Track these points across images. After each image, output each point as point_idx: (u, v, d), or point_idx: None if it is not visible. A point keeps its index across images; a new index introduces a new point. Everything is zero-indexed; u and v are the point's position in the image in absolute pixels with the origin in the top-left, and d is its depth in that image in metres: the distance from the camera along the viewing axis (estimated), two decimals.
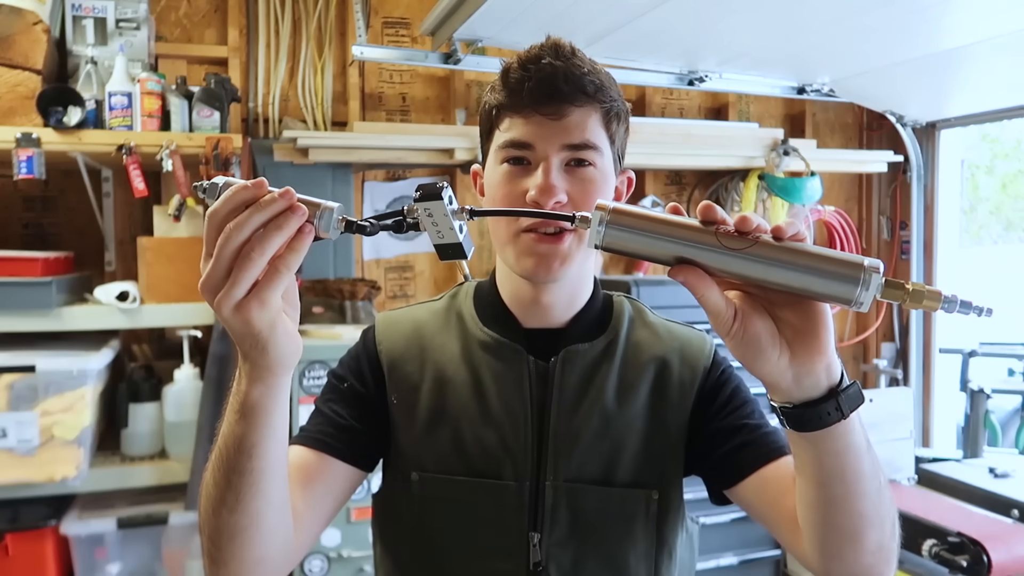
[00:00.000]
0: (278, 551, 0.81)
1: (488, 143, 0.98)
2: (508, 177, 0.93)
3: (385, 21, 2.91)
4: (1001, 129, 5.36)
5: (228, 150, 2.20)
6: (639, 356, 1.00)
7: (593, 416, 0.96)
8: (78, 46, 2.28)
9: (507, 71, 0.93)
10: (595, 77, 0.92)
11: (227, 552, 0.77)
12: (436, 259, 3.01)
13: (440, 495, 0.97)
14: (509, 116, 0.92)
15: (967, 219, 5.45)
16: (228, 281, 0.64)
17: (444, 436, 0.97)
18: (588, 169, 0.92)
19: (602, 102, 0.92)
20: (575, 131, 0.90)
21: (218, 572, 0.79)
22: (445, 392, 0.99)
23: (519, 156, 0.92)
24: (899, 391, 2.75)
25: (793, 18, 2.16)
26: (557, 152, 0.90)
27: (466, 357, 1.00)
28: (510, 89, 0.92)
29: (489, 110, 0.96)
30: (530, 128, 0.91)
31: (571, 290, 1.00)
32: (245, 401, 0.71)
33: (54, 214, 2.61)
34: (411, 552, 1.00)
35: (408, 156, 2.69)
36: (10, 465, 2.01)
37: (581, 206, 0.90)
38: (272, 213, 0.64)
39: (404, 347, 1.02)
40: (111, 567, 2.18)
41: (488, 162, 0.98)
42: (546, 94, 0.89)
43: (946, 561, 1.85)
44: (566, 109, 0.90)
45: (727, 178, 3.24)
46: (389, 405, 1.01)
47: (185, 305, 2.23)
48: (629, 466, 0.96)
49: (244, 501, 0.75)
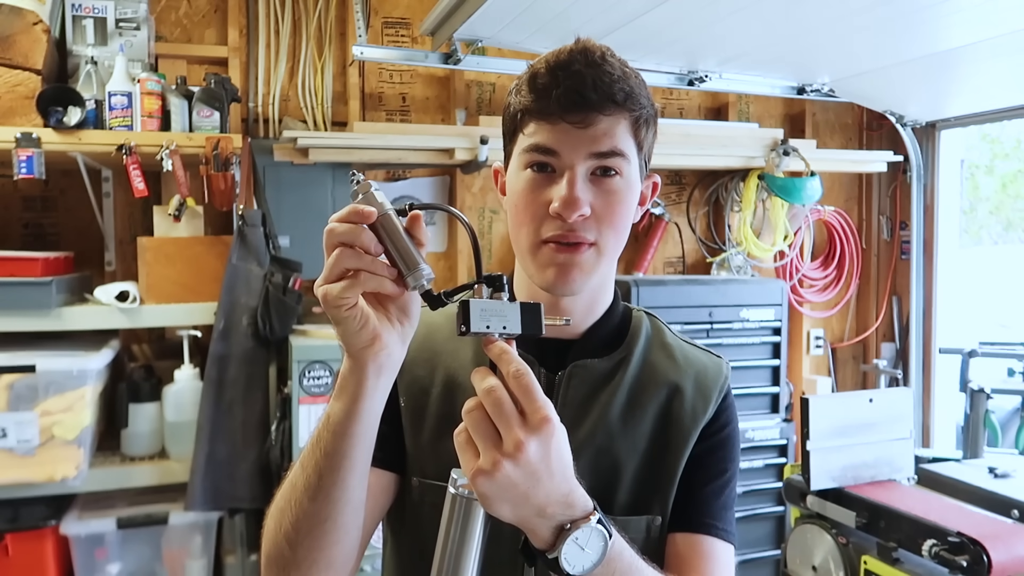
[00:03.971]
0: (345, 559, 0.84)
1: (512, 145, 0.96)
2: (532, 185, 0.91)
3: (385, 21, 2.91)
4: (1001, 129, 5.35)
5: (228, 150, 2.20)
6: (652, 378, 0.99)
7: (596, 434, 0.95)
8: (78, 46, 2.29)
9: (535, 75, 0.91)
10: (625, 84, 0.89)
11: (302, 549, 0.80)
12: (439, 259, 3.03)
13: (436, 502, 0.95)
14: (535, 121, 0.90)
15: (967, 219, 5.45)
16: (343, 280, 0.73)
17: (449, 443, 0.96)
18: (614, 180, 0.90)
19: (632, 109, 0.90)
20: (603, 140, 0.88)
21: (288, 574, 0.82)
22: (455, 399, 0.97)
23: (544, 162, 0.90)
24: (899, 391, 2.75)
25: (793, 18, 2.16)
26: (583, 161, 0.88)
27: (478, 364, 0.99)
28: (537, 94, 0.90)
29: (514, 113, 0.94)
30: (556, 135, 0.88)
31: (590, 299, 0.98)
32: (345, 384, 0.77)
33: (54, 214, 2.61)
34: (410, 557, 0.99)
35: (408, 156, 2.69)
36: (10, 465, 2.01)
37: (604, 219, 0.89)
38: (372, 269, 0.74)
39: (416, 350, 1.01)
40: (111, 567, 2.18)
41: (511, 164, 0.96)
42: (574, 102, 0.87)
43: (946, 561, 1.85)
44: (594, 117, 0.87)
45: (727, 178, 3.24)
46: (400, 408, 1.00)
47: (185, 305, 2.23)
48: (630, 488, 0.95)
49: (327, 488, 0.79)
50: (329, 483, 0.79)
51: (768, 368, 2.89)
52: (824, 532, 2.20)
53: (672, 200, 3.28)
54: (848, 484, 2.19)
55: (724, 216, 3.25)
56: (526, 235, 0.92)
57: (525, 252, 0.93)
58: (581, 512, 0.73)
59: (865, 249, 3.51)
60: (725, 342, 2.79)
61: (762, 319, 2.85)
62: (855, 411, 2.22)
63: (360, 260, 0.73)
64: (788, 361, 3.03)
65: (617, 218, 0.91)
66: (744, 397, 2.85)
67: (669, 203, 3.26)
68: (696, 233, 3.31)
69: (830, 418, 2.18)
